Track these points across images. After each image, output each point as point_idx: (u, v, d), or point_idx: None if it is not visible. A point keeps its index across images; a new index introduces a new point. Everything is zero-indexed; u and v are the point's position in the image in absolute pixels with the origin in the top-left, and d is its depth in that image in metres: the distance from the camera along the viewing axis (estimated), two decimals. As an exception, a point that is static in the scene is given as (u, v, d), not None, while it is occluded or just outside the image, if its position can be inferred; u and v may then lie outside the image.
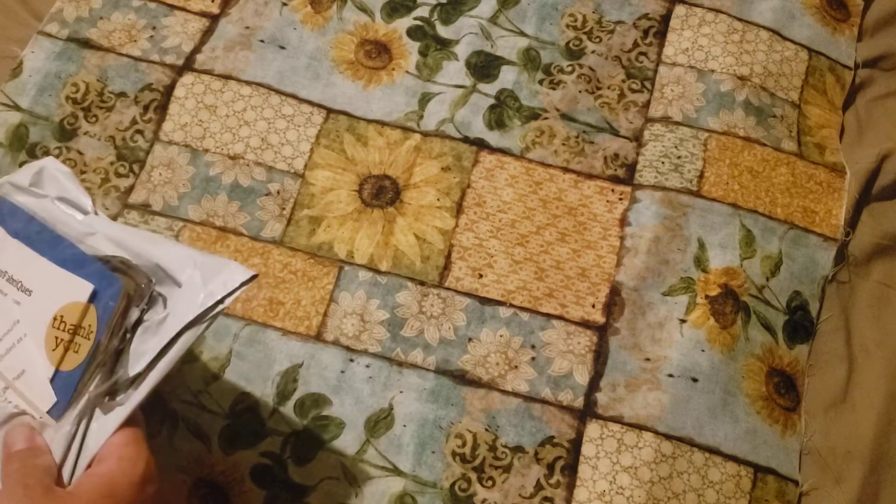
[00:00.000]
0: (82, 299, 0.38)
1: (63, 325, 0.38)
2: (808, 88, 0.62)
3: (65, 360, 0.38)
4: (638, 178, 0.58)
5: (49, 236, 0.40)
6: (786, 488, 0.50)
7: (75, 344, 0.38)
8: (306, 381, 0.51)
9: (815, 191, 0.58)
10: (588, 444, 0.50)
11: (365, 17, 0.63)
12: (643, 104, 0.60)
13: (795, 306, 0.55)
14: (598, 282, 0.55)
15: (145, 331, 0.38)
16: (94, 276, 0.38)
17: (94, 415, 0.38)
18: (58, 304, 0.38)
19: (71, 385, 0.38)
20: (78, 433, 0.38)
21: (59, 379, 0.38)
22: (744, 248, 0.55)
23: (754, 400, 0.52)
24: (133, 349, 0.38)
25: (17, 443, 0.38)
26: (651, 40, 0.63)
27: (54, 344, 0.38)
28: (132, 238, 0.40)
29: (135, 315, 0.38)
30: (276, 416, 0.50)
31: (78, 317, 0.38)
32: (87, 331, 0.38)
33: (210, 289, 0.38)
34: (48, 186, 0.42)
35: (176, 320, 0.38)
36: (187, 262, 0.39)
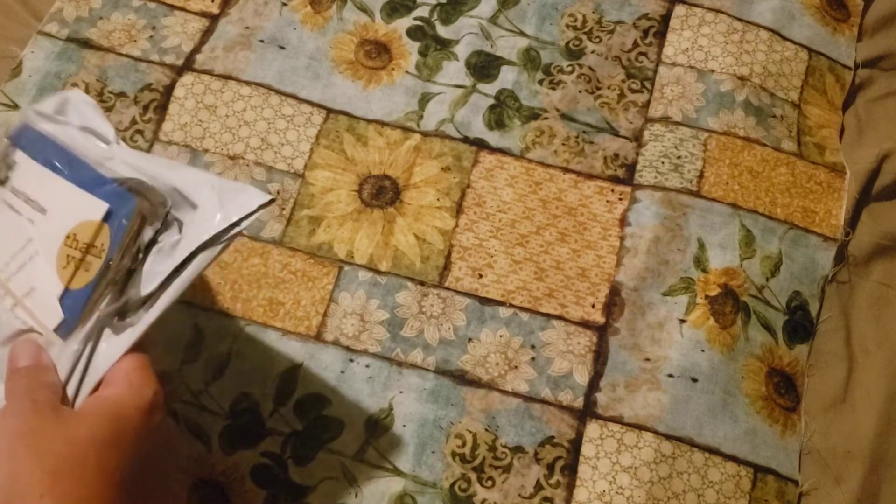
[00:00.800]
0: (96, 218, 0.37)
1: (76, 243, 0.38)
2: (808, 88, 0.62)
3: (75, 278, 0.37)
4: (638, 178, 0.58)
5: (68, 159, 0.40)
6: (785, 488, 0.50)
7: (86, 262, 0.37)
8: (306, 381, 0.51)
9: (814, 191, 0.58)
10: (588, 444, 0.50)
11: (365, 17, 0.63)
12: (643, 104, 0.60)
13: (795, 306, 0.55)
14: (597, 282, 0.55)
15: (159, 252, 0.38)
16: (109, 195, 0.38)
17: (102, 335, 0.37)
18: (72, 222, 0.38)
19: (80, 303, 0.37)
20: (85, 353, 0.37)
21: (67, 297, 0.37)
22: (744, 249, 0.55)
23: (754, 400, 0.52)
24: (146, 270, 0.38)
25: (22, 359, 0.37)
26: (651, 40, 0.63)
27: (65, 262, 0.38)
28: (151, 163, 0.40)
29: (148, 235, 0.38)
30: (276, 416, 0.50)
31: (91, 235, 0.37)
32: (99, 249, 0.37)
33: (227, 211, 0.37)
34: (72, 115, 0.42)
35: (190, 241, 0.37)
36: (204, 184, 0.38)
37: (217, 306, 0.53)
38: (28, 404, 0.35)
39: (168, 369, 0.51)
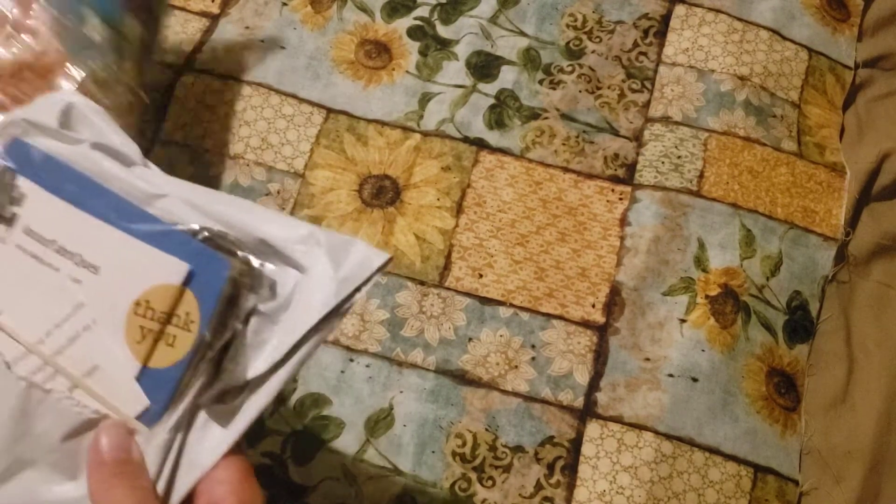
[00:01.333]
0: (175, 282, 0.30)
1: (150, 311, 0.31)
2: (808, 88, 0.62)
3: (154, 354, 0.31)
4: (638, 177, 0.58)
5: (106, 197, 0.31)
6: (786, 488, 0.50)
7: (168, 335, 0.31)
8: (306, 380, 0.51)
9: (815, 190, 0.58)
10: (588, 443, 0.50)
11: (365, 17, 0.63)
12: (643, 104, 0.60)
13: (795, 306, 0.55)
14: (598, 282, 0.55)
15: (259, 321, 0.31)
16: (187, 252, 0.31)
17: (195, 423, 0.31)
18: (140, 286, 0.31)
19: (168, 385, 0.31)
20: (175, 445, 0.31)
21: (148, 378, 0.31)
22: (744, 248, 0.55)
23: (754, 400, 0.52)
24: (247, 343, 0.31)
25: (109, 449, 0.30)
26: (651, 40, 0.63)
27: (139, 335, 0.31)
28: (219, 203, 0.32)
29: (250, 303, 0.31)
30: (276, 416, 0.50)
31: (169, 303, 0.30)
32: (183, 320, 0.30)
33: (343, 274, 0.31)
34: (81, 129, 0.33)
35: (306, 312, 0.31)
36: (303, 237, 0.31)
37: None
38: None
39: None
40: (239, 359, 0.31)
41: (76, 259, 0.31)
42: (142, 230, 0.31)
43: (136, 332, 0.31)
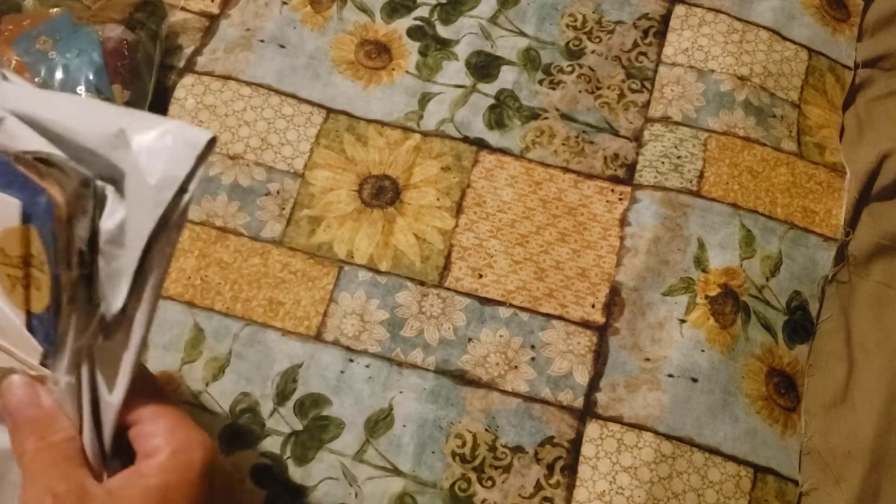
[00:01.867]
0: (14, 222, 0.28)
1: (7, 258, 0.29)
2: (808, 88, 0.62)
3: (32, 300, 0.29)
4: (638, 178, 0.58)
5: None
6: (786, 488, 0.50)
7: (35, 279, 0.29)
8: (306, 381, 0.51)
9: (815, 191, 0.58)
10: (588, 444, 0.50)
11: (365, 17, 0.63)
12: (643, 104, 0.60)
13: (795, 306, 0.55)
14: (597, 282, 0.55)
15: (109, 242, 0.29)
16: (18, 185, 0.28)
17: (95, 366, 0.30)
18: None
19: (51, 328, 0.29)
20: (83, 388, 0.30)
21: (37, 322, 0.30)
22: (744, 248, 0.55)
23: (754, 400, 0.52)
24: (104, 270, 0.29)
25: (20, 407, 0.30)
26: (651, 40, 0.63)
27: (9, 284, 0.29)
28: (44, 108, 0.30)
29: (83, 229, 0.29)
30: (276, 417, 0.50)
31: (19, 245, 0.29)
32: (38, 260, 0.29)
33: (159, 178, 0.28)
34: None
35: (136, 231, 0.28)
36: (114, 140, 0.29)
37: (217, 306, 0.53)
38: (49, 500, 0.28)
39: (168, 370, 0.51)
40: (104, 290, 0.29)
41: None
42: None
43: (5, 281, 0.29)
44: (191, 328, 0.52)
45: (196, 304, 0.53)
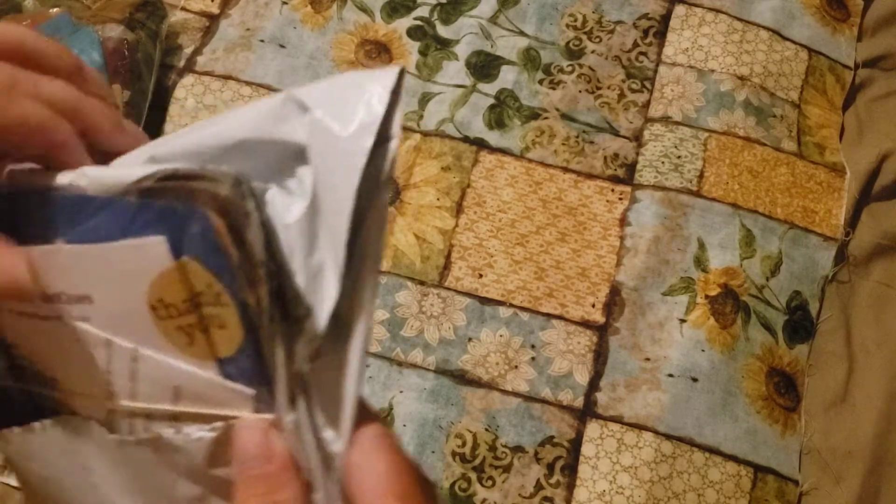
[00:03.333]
0: (166, 263, 0.24)
1: (171, 308, 0.25)
2: (808, 88, 0.62)
3: (217, 343, 0.25)
4: (638, 177, 0.57)
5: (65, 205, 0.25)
6: (786, 488, 0.50)
7: (211, 318, 0.25)
8: (306, 380, 0.51)
9: (815, 191, 0.58)
10: (588, 443, 0.50)
11: (365, 17, 0.63)
12: (643, 104, 0.60)
13: (795, 306, 0.55)
14: (598, 282, 0.54)
15: (298, 235, 0.24)
16: (152, 223, 0.24)
17: (311, 395, 0.25)
18: (139, 289, 0.25)
19: (253, 365, 0.25)
20: (304, 427, 0.24)
21: (231, 368, 0.25)
22: (744, 248, 0.55)
23: (754, 400, 0.52)
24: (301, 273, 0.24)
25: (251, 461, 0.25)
26: (651, 40, 0.63)
27: (185, 338, 0.25)
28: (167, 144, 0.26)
29: (255, 234, 0.24)
30: (276, 416, 0.50)
31: (181, 287, 0.24)
32: (210, 294, 0.24)
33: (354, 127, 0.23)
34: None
35: (336, 199, 0.23)
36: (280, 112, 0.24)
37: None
38: None
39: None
40: (306, 297, 0.24)
41: (63, 298, 0.26)
42: (104, 225, 0.25)
43: (179, 336, 0.25)
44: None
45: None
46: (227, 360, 0.24)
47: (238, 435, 0.25)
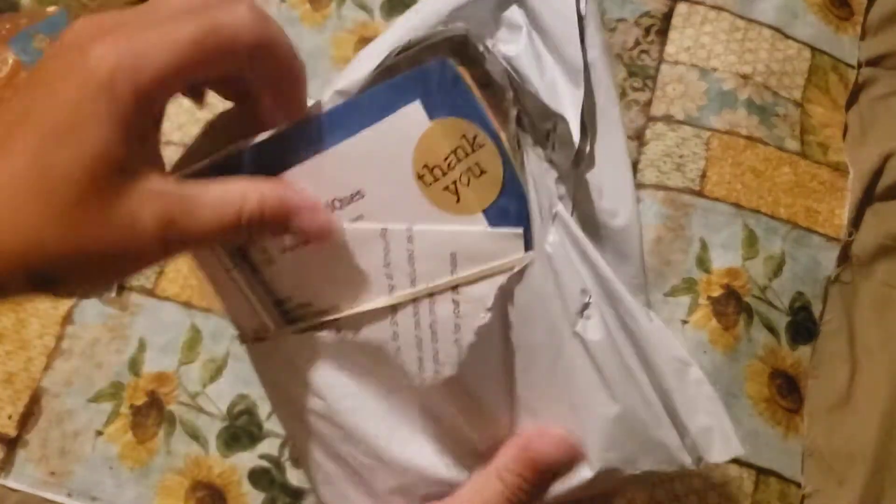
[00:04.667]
0: (422, 127, 0.27)
1: (436, 170, 0.27)
2: (811, 87, 0.62)
3: (479, 194, 0.27)
4: (640, 177, 0.57)
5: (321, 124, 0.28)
6: (788, 490, 0.50)
7: (472, 167, 0.27)
8: (305, 382, 0.51)
9: (818, 190, 0.58)
10: (589, 446, 0.49)
11: (364, 15, 0.63)
12: (645, 103, 0.60)
13: (798, 307, 0.54)
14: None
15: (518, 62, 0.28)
16: (398, 88, 0.27)
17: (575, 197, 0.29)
18: (405, 159, 0.27)
19: (516, 203, 0.27)
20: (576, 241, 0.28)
21: (495, 216, 0.27)
22: (746, 249, 0.55)
23: (757, 402, 0.51)
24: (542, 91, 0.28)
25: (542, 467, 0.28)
26: (653, 38, 0.62)
27: (451, 198, 0.27)
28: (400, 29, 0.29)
29: (495, 64, 0.27)
30: (274, 419, 0.50)
31: (441, 144, 0.27)
32: (468, 146, 0.27)
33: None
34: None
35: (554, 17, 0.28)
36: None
37: (215, 307, 0.53)
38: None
39: (165, 371, 0.51)
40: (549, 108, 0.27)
41: (336, 205, 0.28)
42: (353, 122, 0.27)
43: (447, 198, 0.27)
44: (188, 329, 0.52)
45: (193, 305, 0.53)
46: (492, 208, 0.27)
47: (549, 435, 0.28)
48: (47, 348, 0.53)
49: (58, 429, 0.51)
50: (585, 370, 0.29)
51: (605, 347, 0.29)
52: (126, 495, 0.49)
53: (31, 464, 0.50)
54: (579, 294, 0.28)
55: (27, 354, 0.53)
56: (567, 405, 0.29)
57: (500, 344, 0.29)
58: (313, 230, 0.26)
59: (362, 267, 0.28)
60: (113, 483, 0.49)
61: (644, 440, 0.30)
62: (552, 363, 0.29)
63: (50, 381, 0.52)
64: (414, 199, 0.27)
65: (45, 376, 0.52)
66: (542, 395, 0.30)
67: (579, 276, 0.28)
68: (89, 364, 0.52)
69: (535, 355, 0.29)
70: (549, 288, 0.28)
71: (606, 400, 0.29)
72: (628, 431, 0.29)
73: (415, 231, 0.27)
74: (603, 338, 0.29)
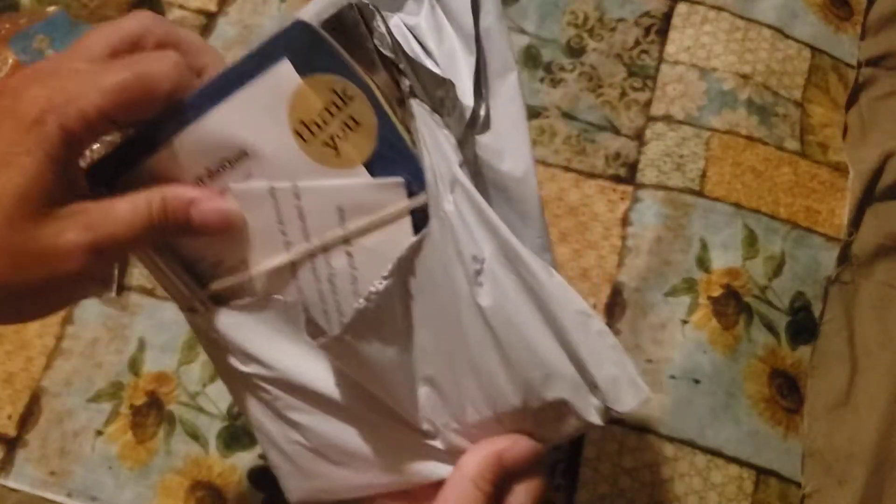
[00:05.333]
0: (294, 81, 0.28)
1: (311, 127, 0.28)
2: (811, 87, 0.62)
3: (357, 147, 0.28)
4: (640, 177, 0.57)
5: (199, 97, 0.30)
6: (788, 491, 0.50)
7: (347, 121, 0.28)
8: (305, 382, 0.51)
9: (817, 190, 0.58)
10: (589, 445, 0.49)
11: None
12: (645, 103, 0.60)
13: (798, 307, 0.54)
14: (599, 282, 0.54)
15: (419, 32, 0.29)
16: (265, 51, 0.29)
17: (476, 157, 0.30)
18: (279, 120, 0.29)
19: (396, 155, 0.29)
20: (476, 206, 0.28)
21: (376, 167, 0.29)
22: (746, 249, 0.55)
23: (757, 402, 0.51)
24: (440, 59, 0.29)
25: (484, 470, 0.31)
26: (653, 38, 0.62)
27: (330, 152, 0.29)
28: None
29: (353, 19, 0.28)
30: (275, 418, 0.50)
31: (313, 100, 0.28)
32: (338, 94, 0.28)
33: None
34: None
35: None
36: None
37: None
38: None
39: (165, 371, 0.51)
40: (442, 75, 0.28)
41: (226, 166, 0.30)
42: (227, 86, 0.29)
43: (326, 153, 0.29)
44: (188, 329, 0.52)
45: (194, 305, 0.53)
46: (372, 159, 0.28)
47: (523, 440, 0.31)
48: (47, 348, 0.53)
49: (58, 429, 0.51)
50: (482, 335, 0.30)
51: (499, 312, 0.29)
52: (126, 495, 0.49)
53: (31, 464, 0.50)
54: (472, 261, 0.29)
55: (27, 354, 0.53)
56: (469, 368, 0.30)
57: (401, 310, 0.30)
58: (209, 213, 0.29)
59: (259, 226, 0.30)
60: (113, 483, 0.49)
61: (548, 401, 0.30)
62: (454, 328, 0.30)
63: (50, 380, 0.52)
64: (295, 156, 0.29)
65: (45, 376, 0.52)
66: (445, 358, 0.31)
67: (475, 243, 0.29)
68: (89, 364, 0.52)
69: (437, 320, 0.30)
70: (449, 254, 0.29)
71: (503, 364, 0.30)
72: (527, 393, 0.30)
73: (300, 187, 0.29)
74: (495, 303, 0.29)
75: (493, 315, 0.29)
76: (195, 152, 0.29)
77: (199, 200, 0.29)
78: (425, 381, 0.31)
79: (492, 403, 0.31)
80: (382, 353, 0.30)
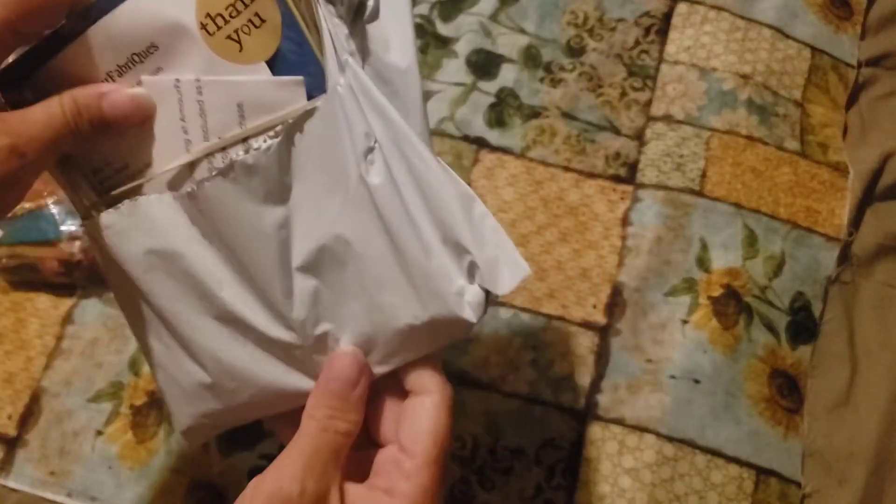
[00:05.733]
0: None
1: (217, 19, 0.29)
2: (811, 87, 0.62)
3: (261, 43, 0.29)
4: (640, 177, 0.57)
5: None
6: (788, 490, 0.50)
7: (253, 16, 0.29)
8: (305, 382, 0.51)
9: (818, 190, 0.58)
10: (589, 446, 0.49)
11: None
12: (645, 102, 0.60)
13: (798, 307, 0.54)
14: (599, 282, 0.54)
15: None
16: None
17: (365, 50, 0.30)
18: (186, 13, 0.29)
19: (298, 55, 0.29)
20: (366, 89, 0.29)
21: (278, 65, 0.29)
22: (746, 249, 0.55)
23: (757, 401, 0.51)
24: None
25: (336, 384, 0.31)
26: (653, 38, 0.62)
27: (234, 46, 0.29)
28: None
29: None
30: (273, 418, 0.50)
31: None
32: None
33: None
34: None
35: None
36: None
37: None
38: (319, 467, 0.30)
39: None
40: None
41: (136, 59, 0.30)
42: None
43: (230, 47, 0.29)
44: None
45: (193, 305, 0.53)
46: (275, 58, 0.29)
47: (338, 358, 0.31)
48: (47, 348, 0.53)
49: (57, 429, 0.51)
50: (368, 212, 0.30)
51: (387, 191, 0.30)
52: (126, 495, 0.49)
53: (31, 464, 0.50)
54: (364, 137, 0.30)
55: (27, 354, 0.53)
56: (352, 253, 0.31)
57: (281, 176, 0.30)
58: (120, 102, 0.30)
59: (163, 121, 0.30)
60: (112, 483, 0.49)
61: (421, 284, 0.30)
62: (341, 204, 0.30)
63: (50, 380, 0.52)
64: (200, 50, 0.29)
65: (45, 376, 0.52)
66: (330, 233, 0.31)
67: (366, 122, 0.29)
68: (89, 364, 0.52)
69: (319, 197, 0.30)
70: (340, 130, 0.30)
71: (386, 242, 0.30)
72: (405, 274, 0.30)
73: (203, 82, 0.29)
74: (384, 181, 0.30)
75: (380, 195, 0.30)
76: (104, 48, 0.30)
77: (109, 92, 0.30)
78: (302, 269, 0.31)
79: (378, 286, 0.31)
80: (253, 213, 0.30)
